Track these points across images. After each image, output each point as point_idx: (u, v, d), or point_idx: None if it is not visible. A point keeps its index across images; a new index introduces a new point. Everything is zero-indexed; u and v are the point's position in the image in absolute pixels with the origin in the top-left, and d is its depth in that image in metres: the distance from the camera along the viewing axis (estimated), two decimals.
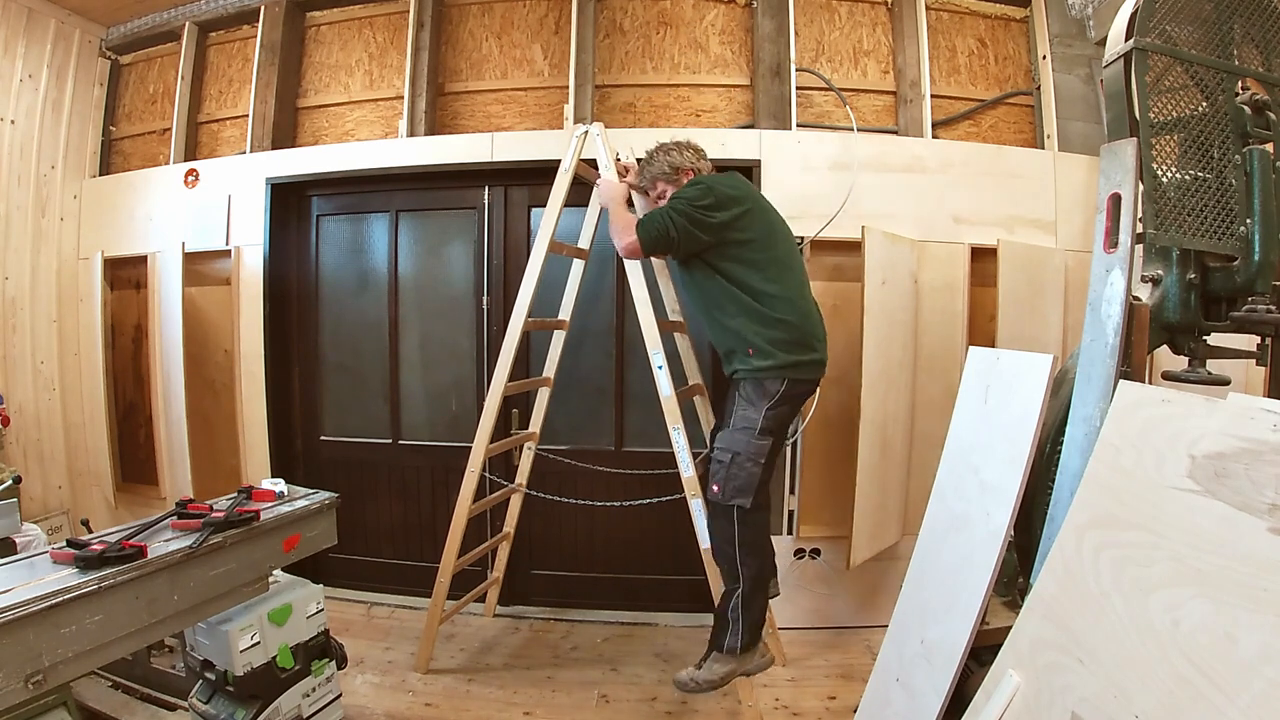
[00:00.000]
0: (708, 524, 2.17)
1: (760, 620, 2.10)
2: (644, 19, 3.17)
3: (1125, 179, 1.45)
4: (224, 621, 1.78)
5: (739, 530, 2.01)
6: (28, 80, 3.38)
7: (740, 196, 2.07)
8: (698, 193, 2.02)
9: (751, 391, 2.03)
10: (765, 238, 2.07)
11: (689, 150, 2.23)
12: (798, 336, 2.03)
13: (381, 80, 3.35)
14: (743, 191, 2.11)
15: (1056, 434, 1.63)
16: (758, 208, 2.11)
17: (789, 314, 2.02)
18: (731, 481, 1.99)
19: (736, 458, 1.99)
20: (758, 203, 2.13)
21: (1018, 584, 1.92)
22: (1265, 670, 0.86)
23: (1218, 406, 1.05)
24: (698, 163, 2.22)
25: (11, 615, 1.20)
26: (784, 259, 2.09)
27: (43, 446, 3.49)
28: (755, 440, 1.99)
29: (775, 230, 2.13)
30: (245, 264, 3.26)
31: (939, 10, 3.17)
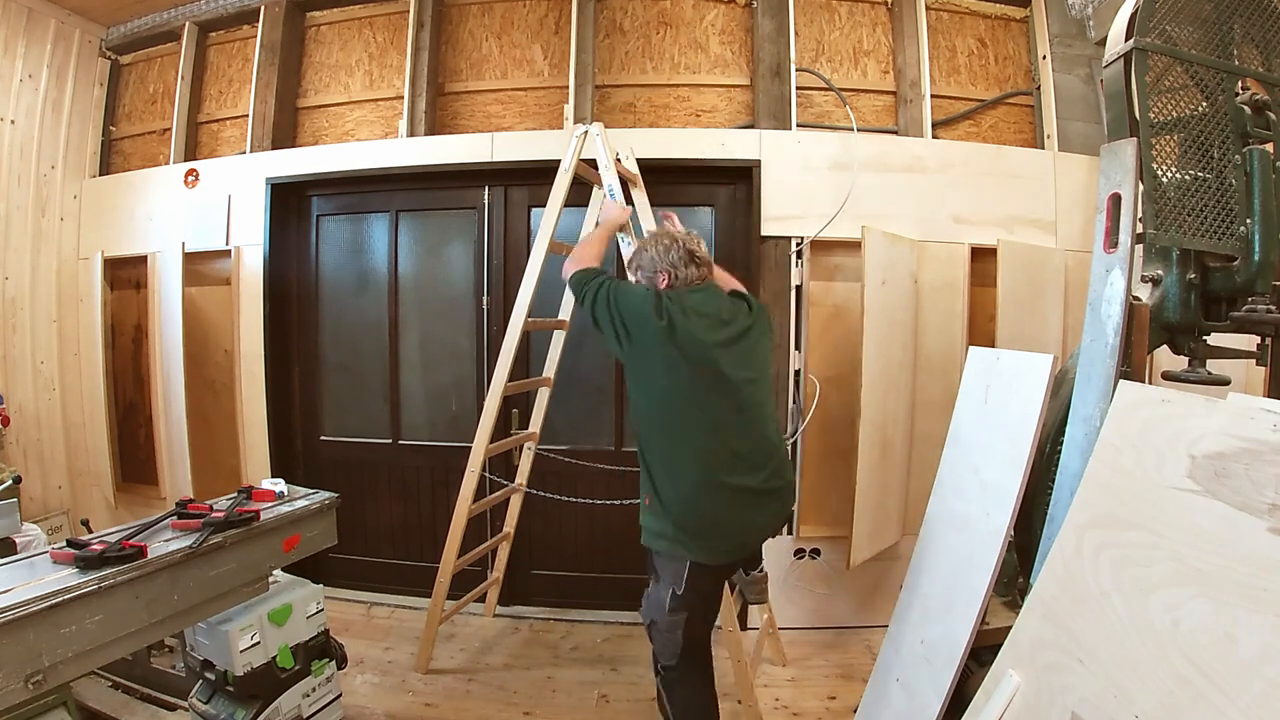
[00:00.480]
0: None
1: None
2: (644, 19, 3.17)
3: (1125, 179, 1.45)
4: (224, 621, 1.78)
5: (664, 692, 1.89)
6: (28, 80, 3.38)
7: (670, 331, 1.66)
8: (638, 300, 1.73)
9: (656, 563, 1.81)
10: (683, 395, 1.68)
11: (677, 250, 1.83)
12: (695, 530, 1.70)
13: (381, 80, 3.35)
14: (684, 327, 1.67)
15: (1056, 434, 1.63)
16: (694, 356, 1.67)
17: (676, 508, 1.70)
18: (656, 644, 1.85)
19: (655, 625, 1.82)
20: (698, 350, 1.68)
21: (1018, 584, 1.92)
22: (1265, 670, 0.86)
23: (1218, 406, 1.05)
24: (683, 269, 1.83)
25: (11, 615, 1.20)
26: (700, 434, 1.68)
27: (43, 446, 3.49)
28: (668, 616, 1.76)
29: (706, 391, 1.68)
30: (245, 264, 3.26)
31: (939, 10, 3.17)
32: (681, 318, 1.68)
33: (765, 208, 2.90)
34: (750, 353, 1.79)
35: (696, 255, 1.84)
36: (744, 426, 1.72)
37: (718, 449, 1.68)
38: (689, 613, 1.76)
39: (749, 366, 1.76)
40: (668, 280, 1.82)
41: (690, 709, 1.86)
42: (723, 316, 1.79)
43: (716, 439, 1.68)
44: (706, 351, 1.68)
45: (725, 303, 1.86)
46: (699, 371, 1.67)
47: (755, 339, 1.84)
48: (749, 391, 1.73)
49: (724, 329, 1.76)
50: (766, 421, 1.79)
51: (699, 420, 1.68)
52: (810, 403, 2.88)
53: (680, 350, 1.66)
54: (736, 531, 1.73)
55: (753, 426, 1.73)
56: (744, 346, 1.78)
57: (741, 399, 1.71)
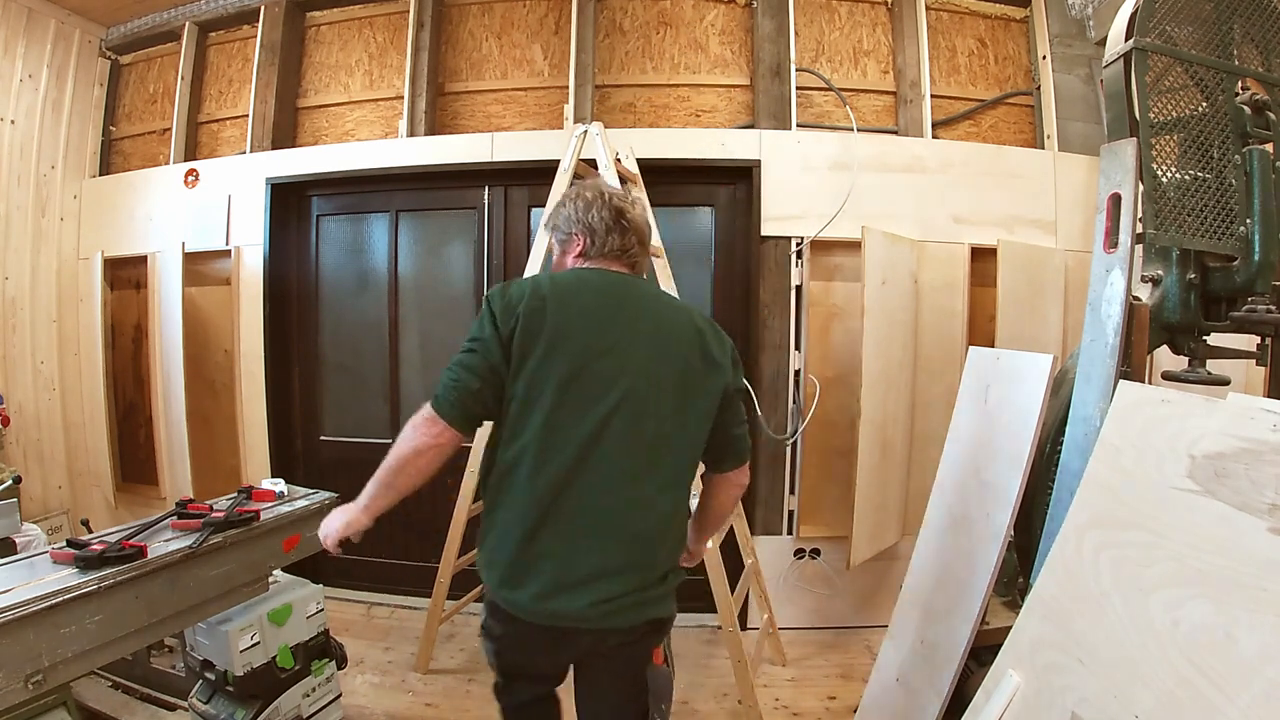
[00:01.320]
0: None
1: None
2: (644, 19, 3.17)
3: (1125, 179, 1.45)
4: (224, 621, 1.78)
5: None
6: (28, 80, 3.38)
7: (532, 315, 1.21)
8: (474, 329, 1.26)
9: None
10: (537, 396, 1.21)
11: (600, 209, 1.35)
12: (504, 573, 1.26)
13: (381, 80, 3.35)
14: (556, 314, 1.22)
15: (1056, 434, 1.63)
16: (571, 347, 1.21)
17: (491, 542, 1.29)
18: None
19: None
20: (575, 338, 1.22)
21: (1018, 584, 1.92)
22: (1265, 670, 0.86)
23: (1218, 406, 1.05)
24: (603, 236, 1.35)
25: (11, 615, 1.20)
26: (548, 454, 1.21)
27: (43, 446, 3.49)
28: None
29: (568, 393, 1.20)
30: (245, 264, 3.26)
31: (939, 10, 3.17)
32: (546, 300, 1.23)
33: (765, 208, 2.90)
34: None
35: (626, 217, 1.35)
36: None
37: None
38: (500, 680, 1.47)
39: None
40: (581, 246, 1.36)
41: None
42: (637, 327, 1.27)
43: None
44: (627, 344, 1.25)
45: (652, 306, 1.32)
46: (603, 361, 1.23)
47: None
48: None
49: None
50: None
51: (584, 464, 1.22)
52: (810, 403, 2.88)
53: (573, 338, 1.22)
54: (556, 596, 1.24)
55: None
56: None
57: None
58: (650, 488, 1.25)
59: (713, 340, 1.32)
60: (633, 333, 1.26)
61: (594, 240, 1.35)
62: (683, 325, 1.31)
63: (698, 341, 1.30)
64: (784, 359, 2.92)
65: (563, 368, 1.20)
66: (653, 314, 1.30)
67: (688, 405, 1.27)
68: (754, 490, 2.96)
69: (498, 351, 1.22)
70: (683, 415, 1.27)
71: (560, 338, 1.21)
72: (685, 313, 1.35)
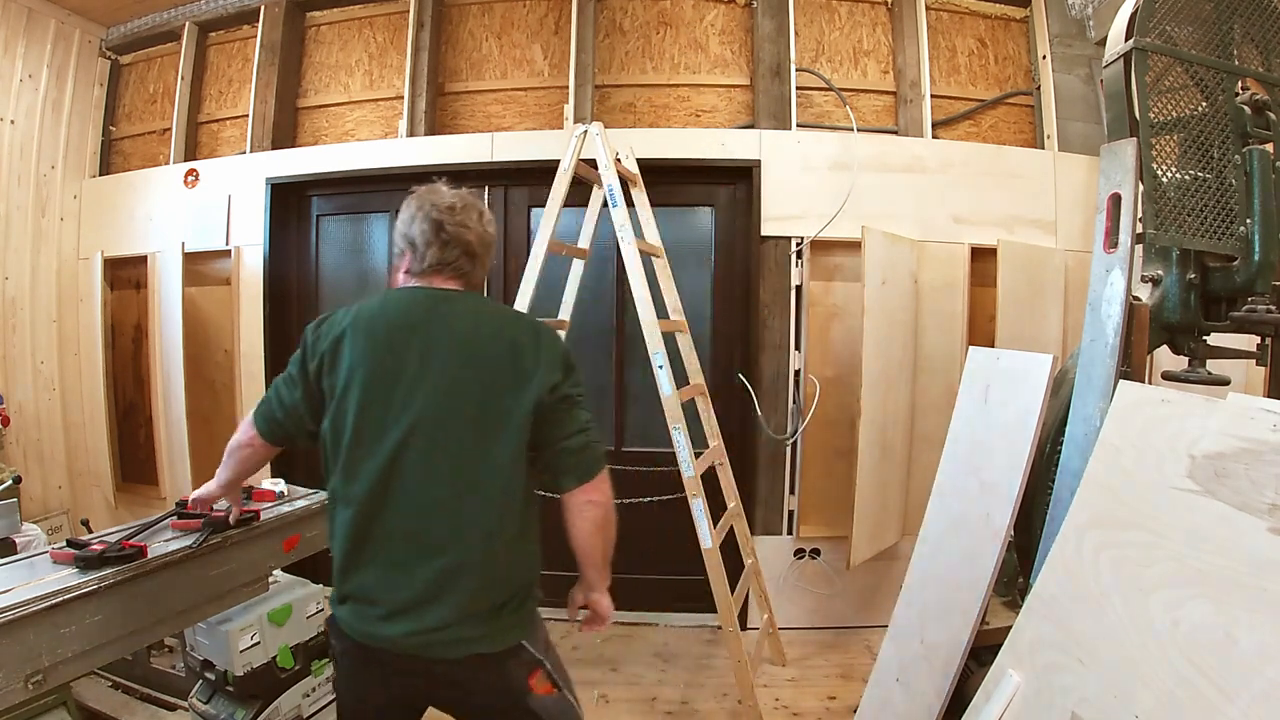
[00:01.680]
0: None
1: None
2: (644, 19, 3.17)
3: (1125, 179, 1.45)
4: (224, 621, 1.78)
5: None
6: (28, 80, 3.38)
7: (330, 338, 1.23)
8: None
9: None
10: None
11: (420, 220, 1.30)
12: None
13: (381, 80, 3.35)
14: (353, 346, 1.21)
15: (1056, 434, 1.63)
16: (374, 368, 1.20)
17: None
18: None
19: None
20: (367, 367, 1.20)
21: (1018, 584, 1.92)
22: (1265, 670, 0.85)
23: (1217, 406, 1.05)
24: (421, 250, 1.29)
25: (11, 615, 1.20)
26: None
27: (43, 446, 3.49)
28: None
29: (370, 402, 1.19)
30: (245, 264, 3.26)
31: (939, 10, 3.17)
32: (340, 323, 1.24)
33: (765, 208, 2.90)
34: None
35: (445, 229, 1.26)
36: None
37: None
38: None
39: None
40: (406, 263, 1.30)
41: None
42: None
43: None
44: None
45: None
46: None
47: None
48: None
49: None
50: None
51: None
52: (810, 403, 2.88)
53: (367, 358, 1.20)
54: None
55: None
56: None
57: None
58: (460, 517, 1.18)
59: (527, 350, 1.22)
60: (427, 355, 1.19)
61: (415, 255, 1.28)
62: (489, 339, 1.23)
63: (507, 354, 1.21)
64: (784, 359, 2.92)
65: (357, 400, 1.18)
66: (458, 332, 1.22)
67: (494, 424, 1.19)
68: (754, 490, 2.96)
69: (301, 391, 1.26)
70: (489, 435, 1.19)
71: (355, 369, 1.19)
72: (498, 324, 1.26)
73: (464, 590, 1.18)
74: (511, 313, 1.36)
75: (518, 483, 1.23)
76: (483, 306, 1.32)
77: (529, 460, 1.24)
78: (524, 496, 1.25)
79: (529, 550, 1.31)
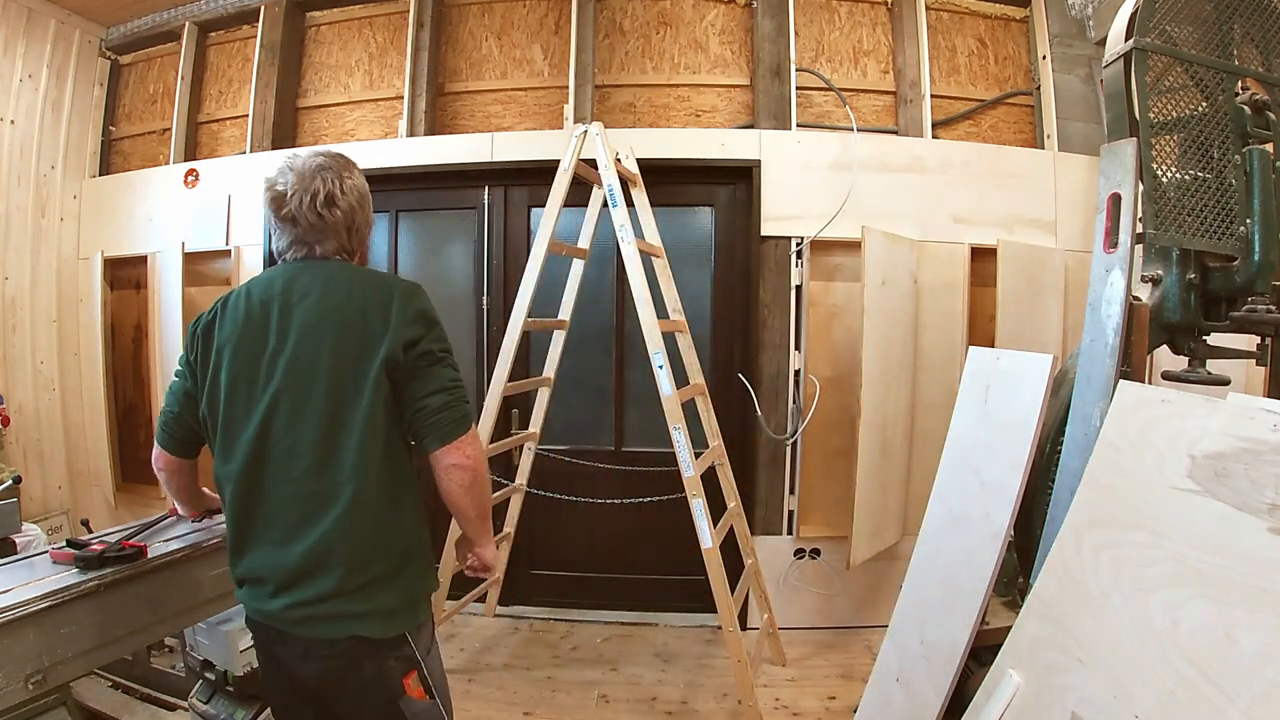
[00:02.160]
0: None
1: None
2: (644, 19, 3.17)
3: (1125, 179, 1.45)
4: (224, 621, 1.78)
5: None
6: (28, 80, 3.38)
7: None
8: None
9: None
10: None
11: (267, 193, 1.28)
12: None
13: (381, 80, 3.35)
14: (221, 328, 1.24)
15: (1056, 434, 1.63)
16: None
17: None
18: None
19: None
20: (233, 346, 1.22)
21: (1018, 584, 1.92)
22: (1265, 670, 0.85)
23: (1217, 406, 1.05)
24: (275, 230, 1.30)
25: (11, 615, 1.20)
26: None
27: (43, 446, 3.49)
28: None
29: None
30: (245, 264, 3.25)
31: (939, 10, 3.17)
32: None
33: (765, 208, 2.90)
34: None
35: (284, 207, 1.24)
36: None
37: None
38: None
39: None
40: (275, 245, 1.32)
41: None
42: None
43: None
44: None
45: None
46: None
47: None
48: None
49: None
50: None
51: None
52: (810, 403, 2.88)
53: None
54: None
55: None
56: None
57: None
58: (327, 484, 1.18)
59: (375, 311, 1.20)
60: (284, 328, 1.20)
61: (276, 235, 1.29)
62: (339, 305, 1.21)
63: (357, 318, 1.20)
64: (784, 359, 2.92)
65: (226, 378, 1.21)
66: (310, 301, 1.21)
67: (350, 389, 1.18)
68: (754, 490, 2.96)
69: (187, 376, 1.30)
70: (346, 402, 1.18)
71: (223, 348, 1.22)
72: (348, 289, 1.23)
73: (338, 561, 1.17)
74: (365, 274, 1.30)
75: (376, 447, 1.19)
76: (338, 272, 1.27)
77: (395, 422, 1.22)
78: (386, 461, 1.21)
79: (401, 518, 1.24)
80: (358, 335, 1.19)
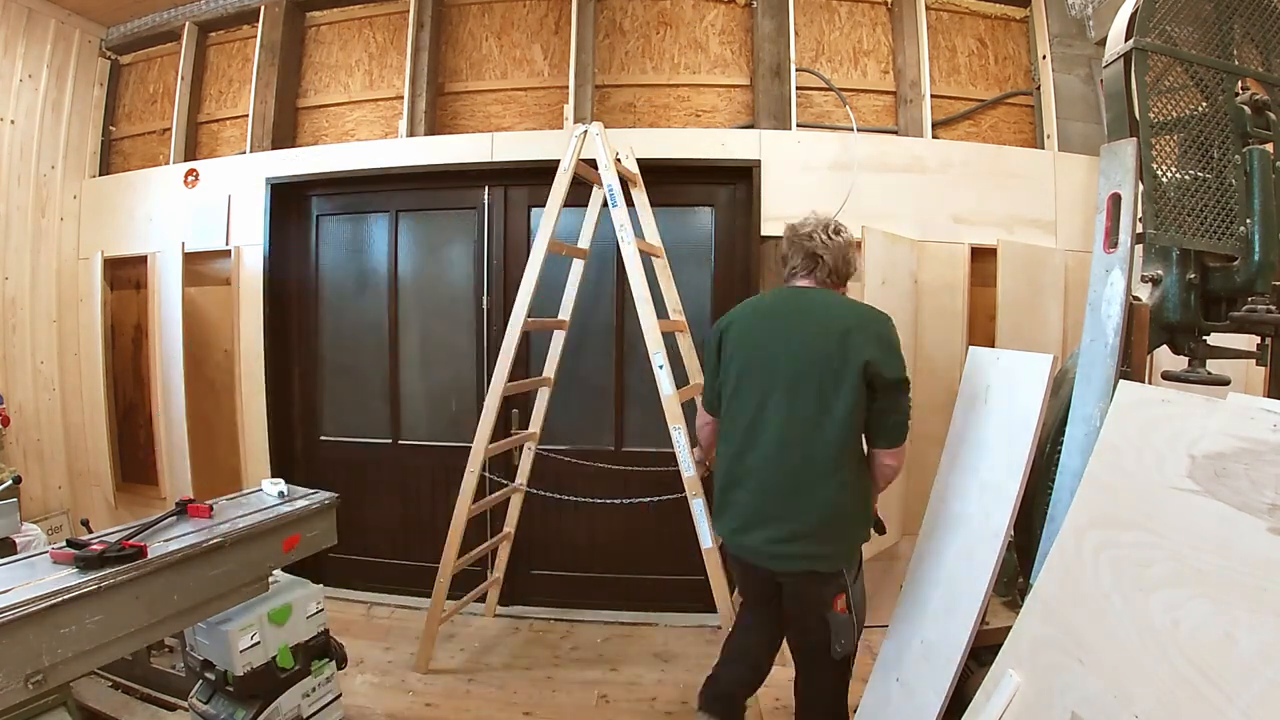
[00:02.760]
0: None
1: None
2: (644, 19, 3.17)
3: (1125, 179, 1.45)
4: (224, 621, 1.78)
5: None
6: (28, 80, 3.38)
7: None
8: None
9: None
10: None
11: (786, 244, 1.91)
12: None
13: (381, 80, 3.35)
14: (735, 331, 1.85)
15: (1056, 434, 1.63)
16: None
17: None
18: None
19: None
20: (744, 346, 1.80)
21: (1018, 584, 1.92)
22: (1265, 670, 0.86)
23: (1217, 406, 1.05)
24: (788, 262, 1.91)
25: (11, 615, 1.20)
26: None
27: (43, 446, 3.49)
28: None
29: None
30: (245, 264, 3.26)
31: (939, 10, 3.17)
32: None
33: (765, 208, 2.90)
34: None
35: (794, 243, 1.89)
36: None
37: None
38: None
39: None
40: (784, 275, 1.95)
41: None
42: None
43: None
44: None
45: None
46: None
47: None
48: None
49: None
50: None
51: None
52: None
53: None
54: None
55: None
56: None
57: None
58: (806, 454, 1.64)
59: (854, 332, 1.64)
60: (786, 336, 1.70)
61: (784, 266, 1.88)
62: (827, 323, 1.68)
63: (837, 336, 1.64)
64: None
65: (736, 369, 1.76)
66: (806, 318, 1.71)
67: (831, 387, 1.62)
68: None
69: (713, 362, 1.85)
70: (828, 395, 1.63)
71: (738, 347, 1.77)
72: (835, 312, 1.71)
73: (795, 514, 1.66)
74: (847, 302, 1.78)
75: (849, 433, 1.65)
76: (828, 299, 1.77)
77: (859, 419, 1.65)
78: (853, 444, 1.67)
79: (855, 487, 1.70)
80: (839, 349, 1.64)
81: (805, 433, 1.64)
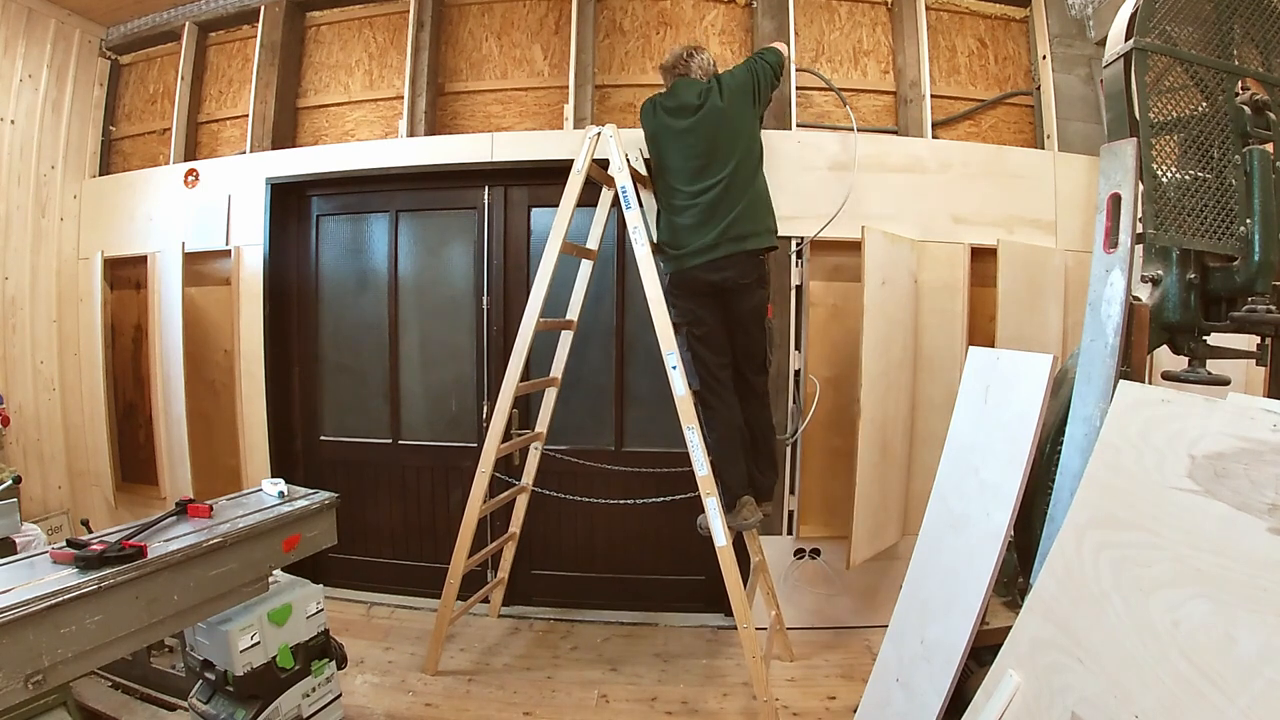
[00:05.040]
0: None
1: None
2: (644, 19, 3.17)
3: (1125, 179, 1.45)
4: (224, 621, 1.78)
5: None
6: (28, 80, 3.38)
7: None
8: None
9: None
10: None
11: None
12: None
13: (381, 80, 3.34)
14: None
15: (1056, 434, 1.63)
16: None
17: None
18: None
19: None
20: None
21: (1018, 584, 1.92)
22: (1265, 670, 0.86)
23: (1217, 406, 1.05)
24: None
25: (11, 615, 1.20)
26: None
27: (43, 446, 3.49)
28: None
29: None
30: (245, 264, 3.26)
31: (939, 10, 3.17)
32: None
33: None
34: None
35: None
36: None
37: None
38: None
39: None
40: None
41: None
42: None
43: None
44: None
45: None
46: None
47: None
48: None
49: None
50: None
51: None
52: (810, 403, 2.88)
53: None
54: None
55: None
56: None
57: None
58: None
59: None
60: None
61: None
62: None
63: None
64: (784, 359, 2.92)
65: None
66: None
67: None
68: None
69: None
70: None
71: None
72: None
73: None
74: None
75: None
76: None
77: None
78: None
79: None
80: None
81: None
